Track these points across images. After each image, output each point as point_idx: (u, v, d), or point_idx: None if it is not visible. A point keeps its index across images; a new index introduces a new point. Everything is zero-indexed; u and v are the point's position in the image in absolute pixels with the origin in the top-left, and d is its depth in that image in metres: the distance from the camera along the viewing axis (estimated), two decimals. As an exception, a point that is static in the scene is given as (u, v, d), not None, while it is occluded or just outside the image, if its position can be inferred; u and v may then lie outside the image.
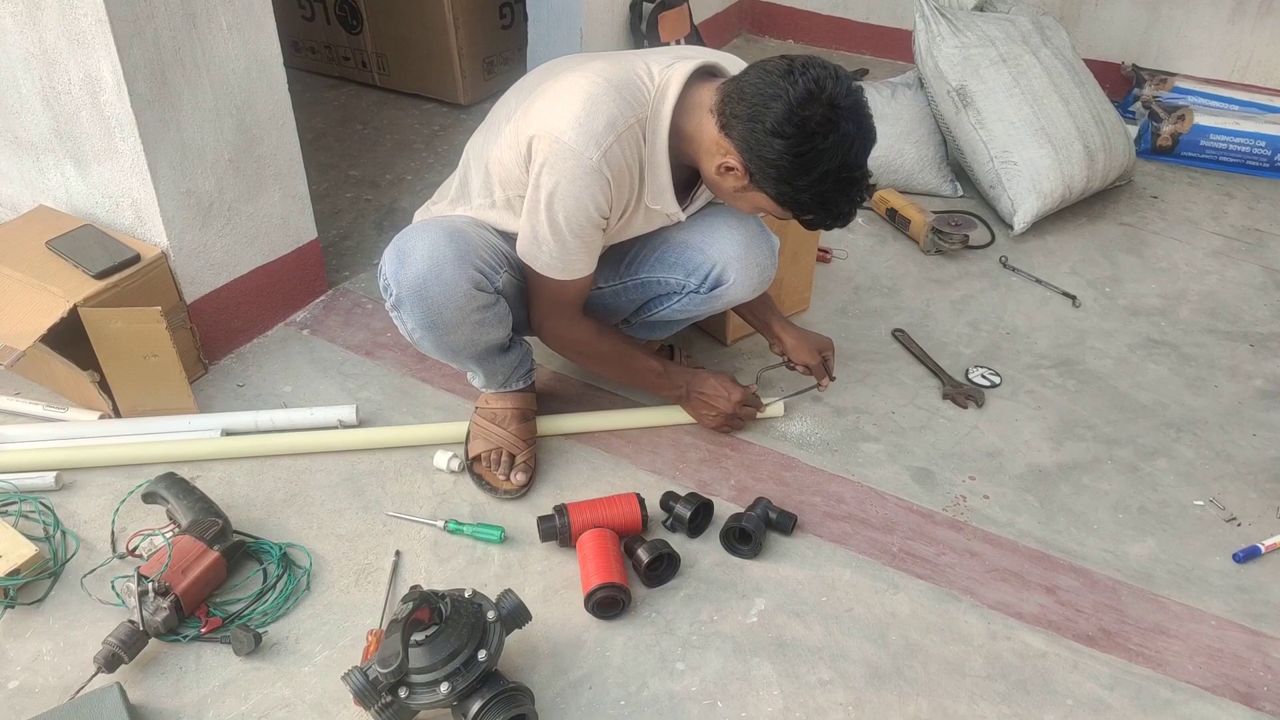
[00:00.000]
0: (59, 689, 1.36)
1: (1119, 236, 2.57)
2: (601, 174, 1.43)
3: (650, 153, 1.48)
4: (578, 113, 1.41)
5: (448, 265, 1.48)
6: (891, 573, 1.59)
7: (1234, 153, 2.88)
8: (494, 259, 1.56)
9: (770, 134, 1.35)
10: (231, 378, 1.95)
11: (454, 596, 1.31)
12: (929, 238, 2.43)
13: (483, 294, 1.52)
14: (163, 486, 1.59)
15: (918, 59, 2.68)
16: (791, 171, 1.37)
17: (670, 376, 1.78)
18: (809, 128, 1.34)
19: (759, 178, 1.41)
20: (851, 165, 1.38)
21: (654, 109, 1.46)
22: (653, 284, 1.72)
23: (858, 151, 1.38)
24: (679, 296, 1.72)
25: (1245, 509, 1.74)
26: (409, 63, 3.14)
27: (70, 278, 1.74)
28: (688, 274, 1.68)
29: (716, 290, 1.68)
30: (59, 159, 1.84)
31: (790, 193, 1.41)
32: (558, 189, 1.43)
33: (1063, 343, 2.16)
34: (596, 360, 1.75)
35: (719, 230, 1.66)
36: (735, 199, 1.51)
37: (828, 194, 1.40)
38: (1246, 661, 1.47)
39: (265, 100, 1.90)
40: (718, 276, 1.67)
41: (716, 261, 1.66)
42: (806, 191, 1.39)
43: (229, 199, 1.90)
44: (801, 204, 1.43)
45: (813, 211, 1.44)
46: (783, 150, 1.35)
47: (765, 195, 1.44)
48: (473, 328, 1.55)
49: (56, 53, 1.68)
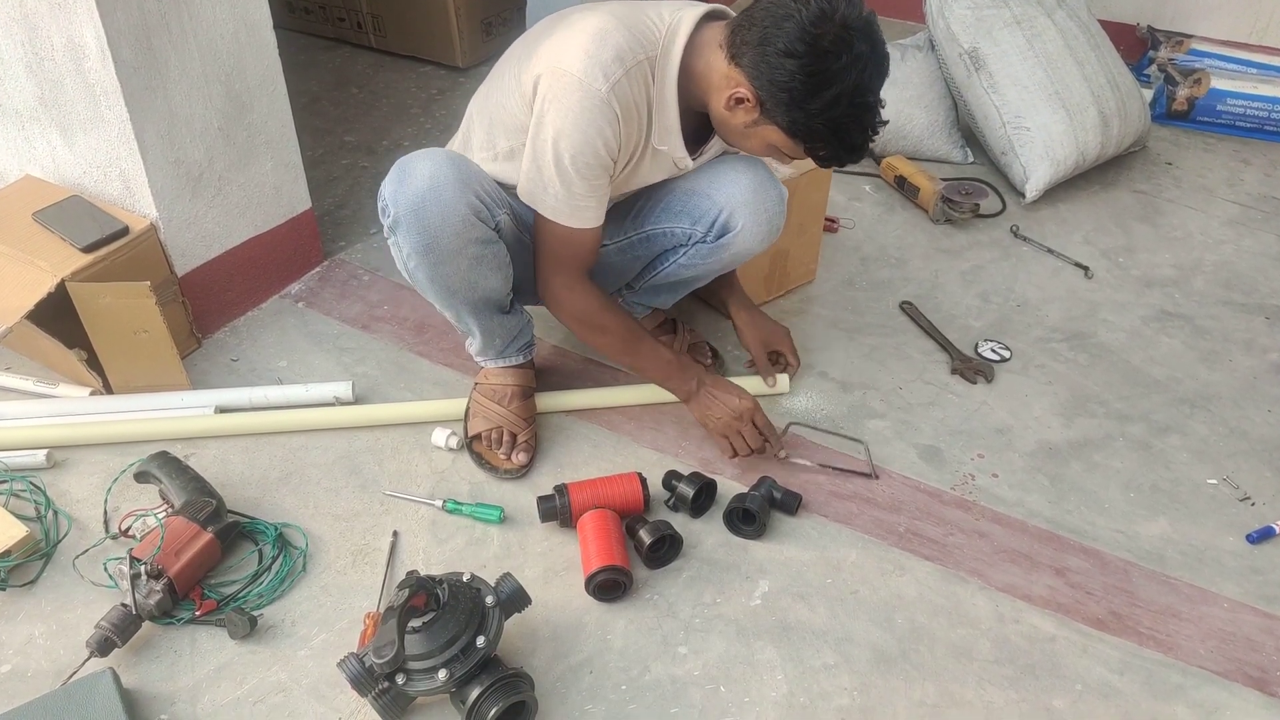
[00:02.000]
0: (51, 673, 1.34)
1: (1133, 205, 2.52)
2: (610, 107, 1.39)
3: (659, 91, 1.45)
4: (586, 46, 1.39)
5: (448, 187, 1.43)
6: (898, 554, 1.56)
7: (1251, 117, 2.81)
8: (496, 196, 1.52)
9: (782, 54, 1.31)
10: (225, 352, 1.91)
11: (452, 581, 1.28)
12: (938, 206, 2.38)
13: (481, 225, 1.48)
14: (155, 465, 1.55)
15: (929, 20, 2.61)
16: (804, 93, 1.32)
17: (682, 366, 1.68)
18: (821, 46, 1.29)
19: (770, 106, 1.36)
20: (865, 89, 1.33)
21: (664, 48, 1.43)
22: (659, 236, 1.68)
23: (871, 74, 1.33)
24: (685, 249, 1.68)
25: (1260, 488, 1.70)
26: (405, 24, 3.06)
27: (58, 251, 1.70)
28: (694, 221, 1.63)
29: (724, 238, 1.63)
30: (45, 128, 1.79)
31: (803, 119, 1.35)
32: (564, 123, 1.39)
33: (1074, 315, 2.11)
34: (602, 333, 1.63)
35: (726, 175, 1.61)
36: (745, 137, 1.45)
37: (841, 120, 1.34)
38: (1260, 645, 1.44)
39: (255, 66, 1.84)
40: (725, 222, 1.62)
41: (724, 207, 1.60)
42: (819, 117, 1.34)
43: (219, 168, 1.84)
44: (814, 131, 1.36)
45: (826, 141, 1.38)
46: (795, 70, 1.31)
47: (776, 127, 1.39)
48: (470, 262, 1.50)
49: (38, 17, 1.62)
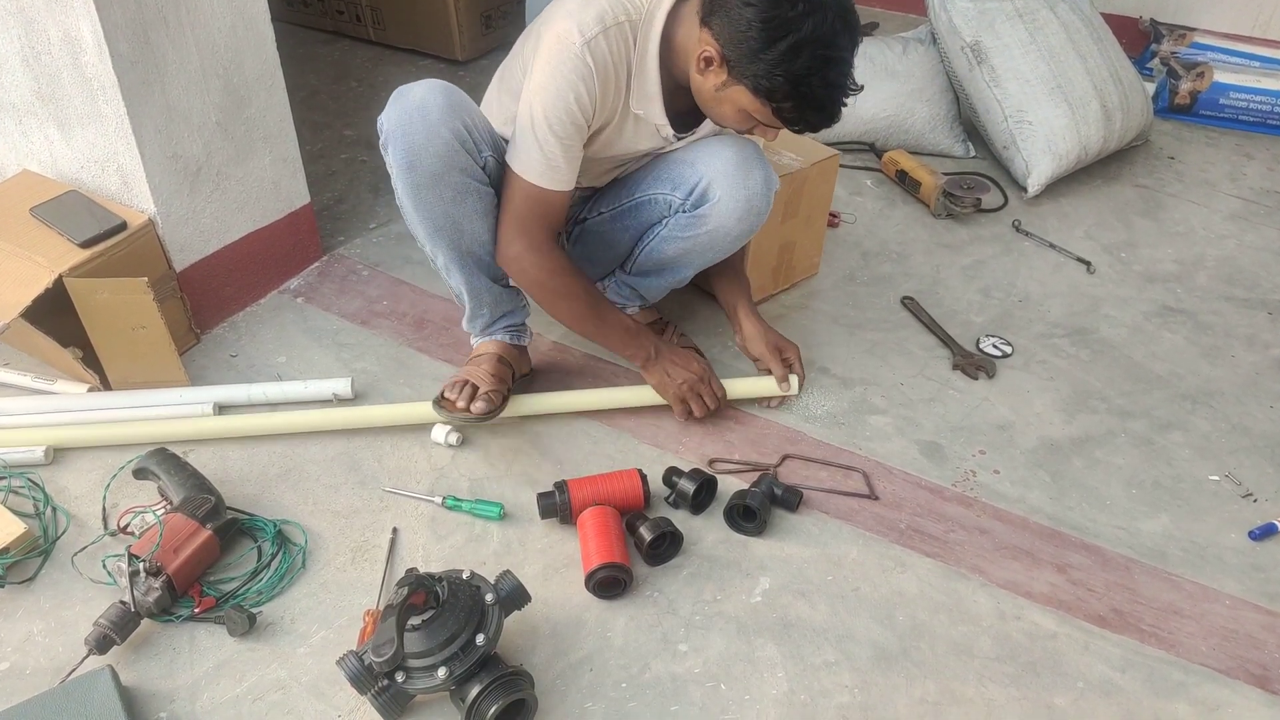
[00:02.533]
0: (50, 670, 1.34)
1: (1135, 199, 2.51)
2: (585, 62, 1.41)
3: (639, 55, 1.46)
4: (572, 8, 1.43)
5: (435, 110, 1.46)
6: (899, 550, 1.55)
7: (1254, 111, 2.80)
8: (487, 135, 1.54)
9: (742, 4, 1.32)
10: (224, 347, 1.91)
11: (451, 579, 1.28)
12: (940, 201, 2.37)
13: (465, 154, 1.49)
14: (154, 462, 1.55)
15: (931, 13, 2.59)
16: (761, 42, 1.32)
17: (639, 335, 1.70)
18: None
19: (735, 63, 1.36)
20: (826, 40, 1.32)
21: (648, 14, 1.45)
22: (645, 204, 1.69)
23: (835, 25, 1.32)
24: (667, 219, 1.68)
25: (1262, 484, 1.70)
26: (405, 17, 3.05)
27: (55, 246, 1.69)
28: (674, 187, 1.64)
29: (701, 209, 1.63)
30: (42, 122, 1.78)
31: (764, 72, 1.34)
32: (541, 79, 1.43)
33: (1076, 310, 2.10)
34: (562, 297, 1.61)
35: (713, 147, 1.62)
36: (719, 102, 1.45)
37: (801, 72, 1.32)
38: (1262, 643, 1.44)
39: (253, 60, 1.83)
40: (704, 191, 1.62)
41: (704, 175, 1.60)
42: (779, 68, 1.32)
43: (217, 163, 1.84)
44: (775, 86, 1.35)
45: (789, 97, 1.36)
46: (752, 19, 1.31)
47: (744, 88, 1.38)
48: (454, 193, 1.50)
49: (34, 11, 1.61)
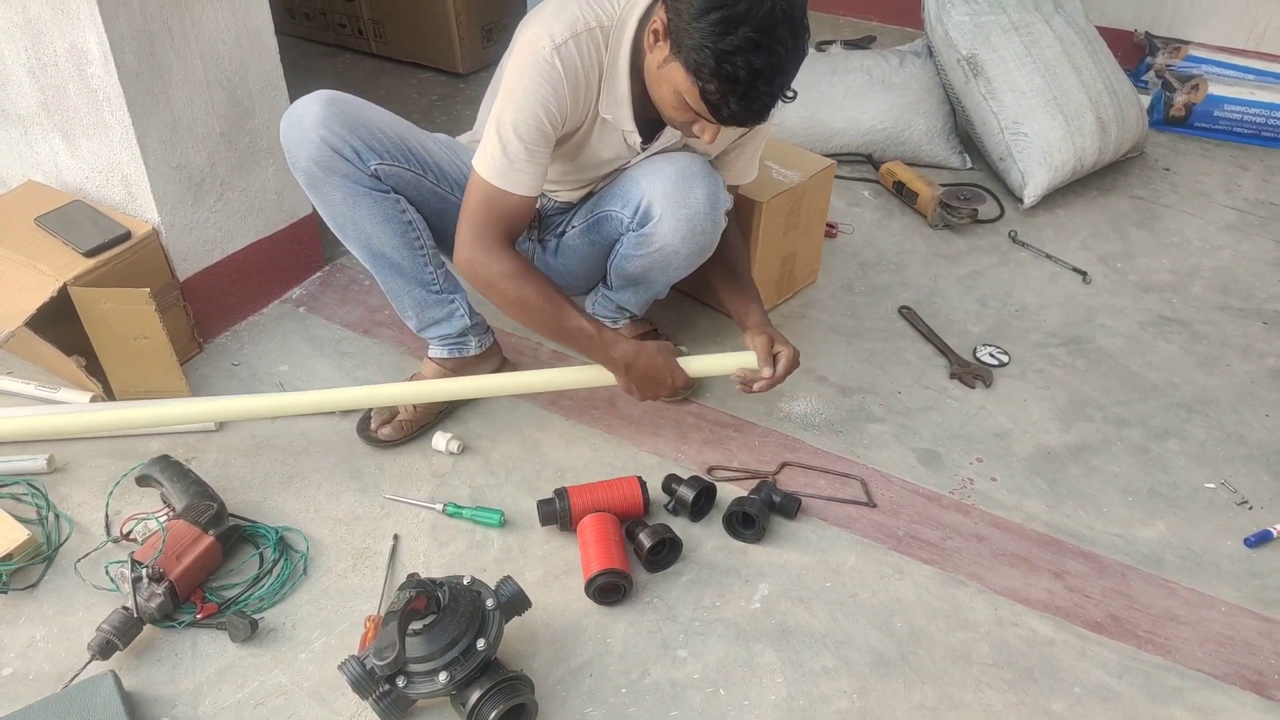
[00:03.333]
0: (53, 676, 1.35)
1: (1130, 210, 2.53)
2: (554, 68, 1.42)
3: (611, 59, 1.47)
4: (544, 15, 1.46)
5: (310, 117, 1.52)
6: (897, 557, 1.56)
7: (1249, 123, 2.82)
8: (381, 143, 1.56)
9: None
10: (227, 356, 1.92)
11: (452, 584, 1.29)
12: (937, 212, 2.39)
13: (341, 160, 1.53)
14: (156, 469, 1.56)
15: (927, 26, 2.62)
16: (697, 11, 1.29)
17: (601, 331, 1.61)
18: None
19: (674, 33, 1.34)
20: (762, 25, 1.28)
21: (620, 19, 1.46)
22: (604, 220, 1.69)
23: (775, 14, 1.29)
24: (623, 237, 1.68)
25: (1257, 492, 1.71)
26: (406, 30, 3.07)
27: (60, 255, 1.71)
28: (624, 204, 1.64)
29: (645, 228, 1.62)
30: (47, 133, 1.80)
31: (694, 45, 1.30)
32: (512, 83, 1.45)
33: (1072, 320, 2.12)
34: (516, 303, 1.56)
35: (656, 165, 1.61)
36: (658, 82, 1.41)
37: (727, 50, 1.29)
38: (1258, 649, 1.44)
39: (257, 72, 1.85)
40: (646, 210, 1.61)
41: (645, 193, 1.60)
42: (709, 39, 1.29)
43: (221, 173, 1.85)
44: (703, 60, 1.31)
45: (714, 76, 1.32)
46: None
47: (679, 64, 1.35)
48: (342, 195, 1.56)
49: (41, 23, 1.63)
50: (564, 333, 1.60)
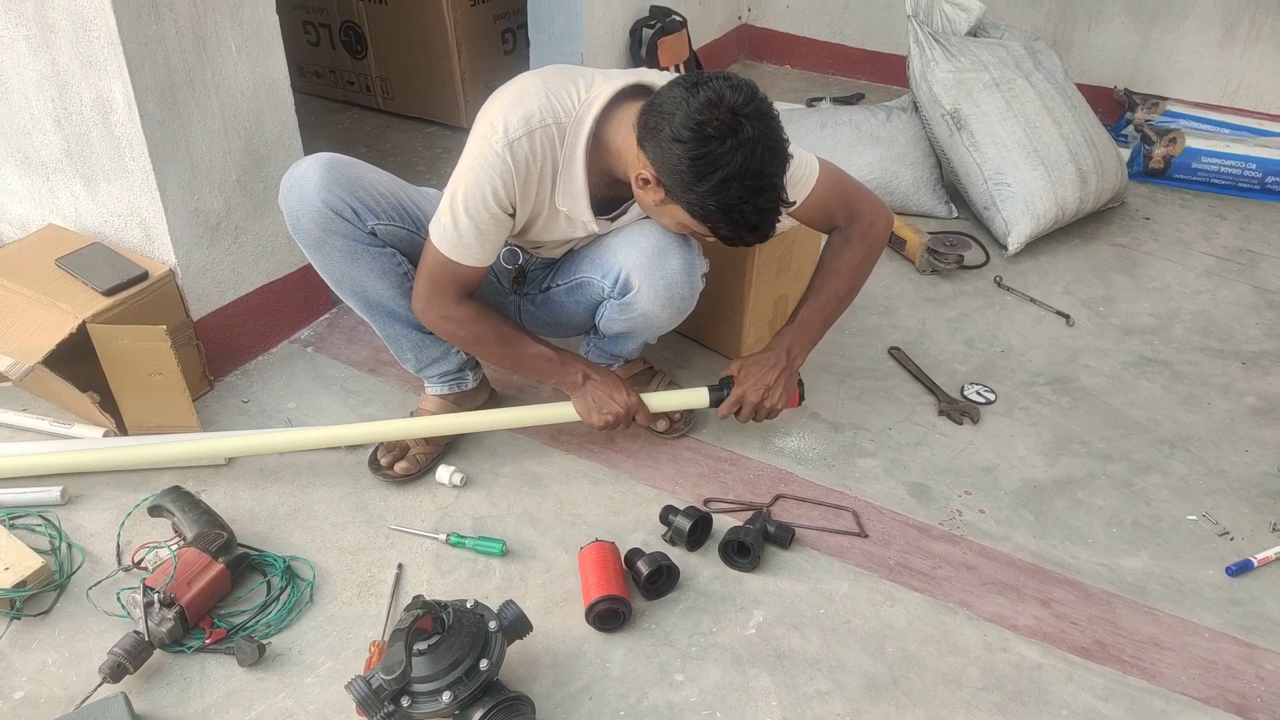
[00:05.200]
0: (64, 699, 1.38)
1: (1112, 257, 2.61)
2: (504, 161, 1.47)
3: (567, 156, 1.52)
4: (504, 104, 1.50)
5: (311, 182, 1.57)
6: (888, 585, 1.60)
7: (1225, 175, 2.92)
8: (379, 204, 1.62)
9: (671, 140, 1.38)
10: (236, 394, 1.98)
11: (456, 606, 1.33)
12: (924, 257, 2.47)
13: (343, 221, 1.58)
14: (168, 500, 1.61)
15: (912, 83, 2.73)
16: (692, 177, 1.38)
17: (564, 361, 1.70)
18: (706, 132, 1.35)
19: (670, 188, 1.43)
20: (755, 172, 1.38)
21: (577, 117, 1.51)
22: (584, 284, 1.73)
23: (762, 157, 1.37)
24: (603, 303, 1.73)
25: (1238, 523, 1.76)
26: (412, 87, 3.19)
27: (79, 294, 1.77)
28: (603, 274, 1.68)
29: (626, 297, 1.67)
30: (69, 178, 1.88)
31: (696, 201, 1.41)
32: (466, 164, 1.51)
33: (1057, 360, 2.18)
34: (479, 343, 1.67)
35: (633, 236, 1.65)
36: (660, 214, 1.54)
37: (731, 202, 1.39)
38: (1240, 673, 1.48)
39: (273, 121, 1.93)
40: (624, 281, 1.65)
41: (623, 266, 1.64)
42: (711, 199, 1.39)
43: (236, 218, 1.93)
44: (709, 213, 1.42)
45: (721, 221, 1.43)
46: (681, 155, 1.37)
47: (680, 207, 1.45)
48: (340, 254, 1.61)
49: (69, 75, 1.72)
50: (525, 361, 1.70)
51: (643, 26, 3.03)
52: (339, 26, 3.20)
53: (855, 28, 3.63)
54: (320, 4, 3.19)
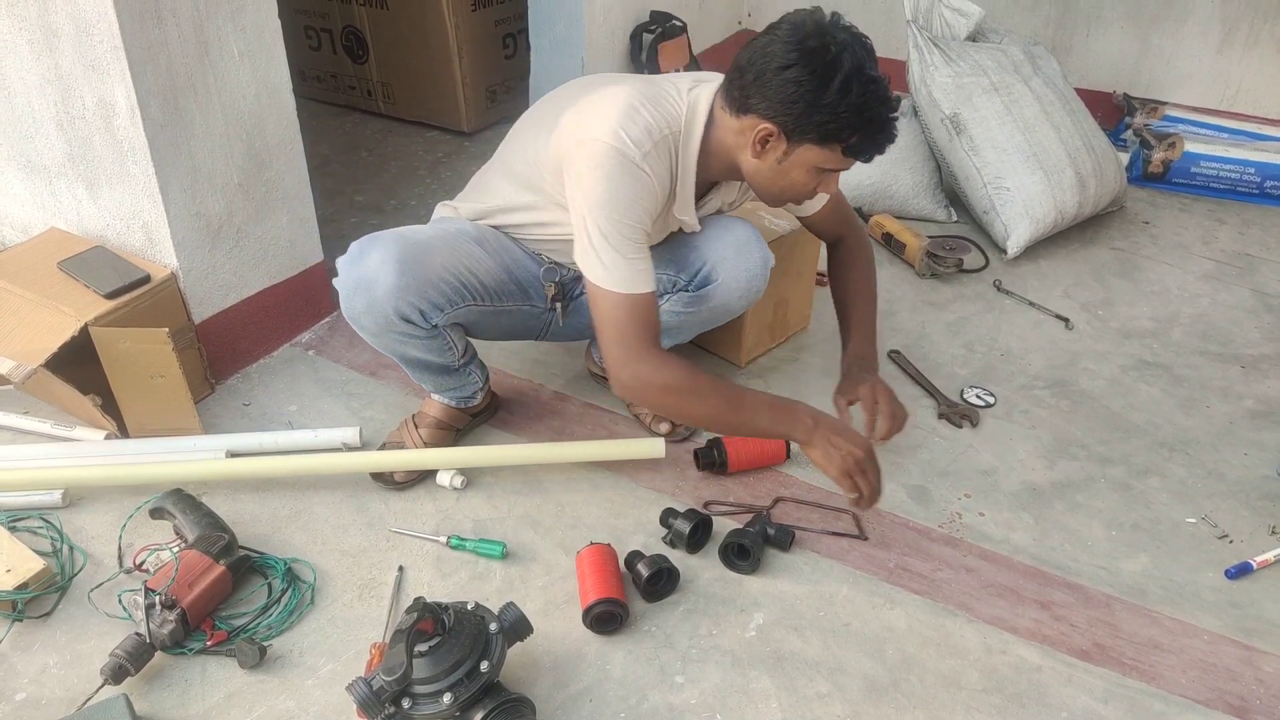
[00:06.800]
0: (65, 701, 1.38)
1: (1111, 261, 2.61)
2: (645, 172, 1.47)
3: (683, 166, 1.54)
4: (617, 118, 1.46)
5: (382, 287, 1.53)
6: (888, 588, 1.61)
7: (1224, 179, 2.93)
8: (445, 294, 1.59)
9: (780, 71, 1.38)
10: (238, 397, 1.98)
11: (457, 608, 1.33)
12: (924, 261, 2.47)
13: (407, 324, 1.58)
14: (170, 502, 1.61)
15: (912, 88, 2.74)
16: (815, 91, 1.37)
17: (790, 408, 1.56)
18: (808, 45, 1.37)
19: (794, 126, 1.41)
20: (864, 65, 1.38)
21: (686, 125, 1.52)
22: None
23: (862, 53, 1.39)
24: (669, 295, 1.75)
25: (1237, 526, 1.76)
26: (413, 91, 3.20)
27: (81, 297, 1.78)
28: (680, 269, 1.72)
29: (705, 289, 1.71)
30: (71, 182, 1.88)
31: (828, 117, 1.39)
32: (604, 190, 1.45)
33: (1056, 364, 2.19)
34: (701, 398, 1.52)
35: (714, 232, 1.70)
36: (783, 173, 1.49)
37: (859, 100, 1.38)
38: (1239, 675, 1.48)
39: (275, 126, 1.94)
40: (707, 274, 1.70)
41: (708, 260, 1.69)
42: (840, 105, 1.38)
43: (238, 221, 1.94)
44: (842, 124, 1.40)
45: (856, 126, 1.41)
46: (798, 76, 1.37)
47: (808, 143, 1.43)
48: (396, 340, 1.62)
49: (72, 79, 1.73)
50: (748, 412, 1.56)
51: (643, 31, 3.04)
52: (340, 31, 3.22)
53: (855, 33, 3.64)
54: (322, 9, 3.21)
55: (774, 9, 3.67)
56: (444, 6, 2.94)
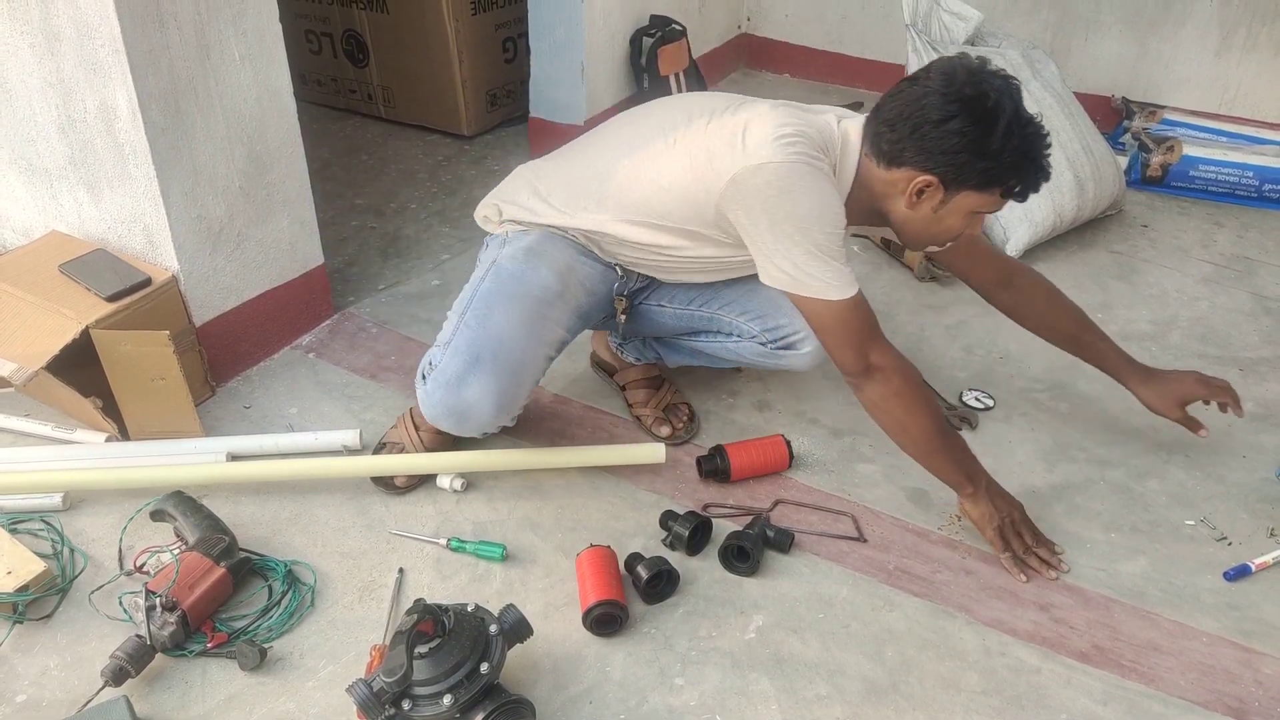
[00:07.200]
0: (66, 703, 1.38)
1: (1110, 264, 2.62)
2: (832, 181, 1.48)
3: (840, 188, 1.53)
4: (786, 138, 1.45)
5: (480, 411, 1.56)
6: (887, 590, 1.61)
7: (1222, 182, 2.93)
8: (528, 391, 1.62)
9: (940, 124, 1.39)
10: (238, 399, 1.98)
11: (457, 610, 1.34)
12: (923, 265, 2.48)
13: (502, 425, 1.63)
14: (171, 504, 1.61)
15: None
16: (980, 139, 1.39)
17: (975, 463, 1.64)
18: (967, 95, 1.38)
19: (954, 176, 1.43)
20: (1020, 109, 1.40)
21: (842, 151, 1.52)
22: (720, 322, 1.76)
23: (1016, 96, 1.41)
24: (738, 339, 1.75)
25: (1235, 528, 1.76)
26: (414, 95, 3.20)
27: (82, 300, 1.78)
28: (763, 327, 1.71)
29: (782, 352, 1.72)
30: (72, 185, 1.89)
31: (991, 165, 1.41)
32: (807, 205, 1.44)
33: (1055, 366, 2.19)
34: (919, 411, 1.56)
35: None
36: (937, 221, 1.50)
37: (1021, 144, 1.40)
38: (1238, 677, 1.49)
39: (276, 129, 1.95)
40: (792, 341, 1.70)
41: (800, 329, 1.67)
42: (1004, 152, 1.39)
43: (239, 224, 1.94)
44: (1006, 166, 1.41)
45: (1020, 167, 1.42)
46: (960, 128, 1.38)
47: (969, 190, 1.44)
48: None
49: (74, 82, 1.73)
50: (950, 447, 1.61)
51: (643, 35, 3.04)
52: (341, 35, 3.22)
53: (854, 37, 3.65)
54: (322, 13, 3.21)
55: (774, 13, 3.69)
56: (444, 10, 2.95)
